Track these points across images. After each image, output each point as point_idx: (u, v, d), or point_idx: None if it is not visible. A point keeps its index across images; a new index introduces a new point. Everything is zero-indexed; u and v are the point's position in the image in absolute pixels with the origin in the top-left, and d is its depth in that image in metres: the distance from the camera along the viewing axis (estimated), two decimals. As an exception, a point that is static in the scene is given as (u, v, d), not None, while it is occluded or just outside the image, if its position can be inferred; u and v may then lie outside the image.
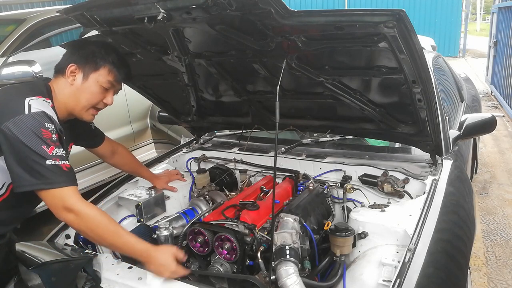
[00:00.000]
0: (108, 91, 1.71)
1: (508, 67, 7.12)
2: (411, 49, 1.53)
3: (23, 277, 1.61)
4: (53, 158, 1.42)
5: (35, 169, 1.40)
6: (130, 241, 1.53)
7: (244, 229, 1.73)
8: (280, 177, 2.29)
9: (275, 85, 1.76)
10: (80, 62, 1.64)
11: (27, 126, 1.40)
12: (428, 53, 3.61)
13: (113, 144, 2.18)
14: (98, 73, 1.65)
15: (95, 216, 1.48)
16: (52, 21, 3.99)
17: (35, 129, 1.41)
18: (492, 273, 2.96)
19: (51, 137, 1.44)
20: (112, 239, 1.51)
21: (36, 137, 1.40)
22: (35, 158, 1.39)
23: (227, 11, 1.49)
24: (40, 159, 1.40)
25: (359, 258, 1.70)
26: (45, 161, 1.40)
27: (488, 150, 5.58)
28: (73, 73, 1.64)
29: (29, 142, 1.39)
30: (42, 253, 1.61)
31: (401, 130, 2.12)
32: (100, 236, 1.49)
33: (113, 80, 1.69)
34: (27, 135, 1.39)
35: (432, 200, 1.78)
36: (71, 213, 1.44)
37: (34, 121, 1.42)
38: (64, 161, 1.46)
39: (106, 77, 1.67)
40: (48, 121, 1.46)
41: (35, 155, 1.39)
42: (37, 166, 1.40)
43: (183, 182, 2.42)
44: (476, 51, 16.56)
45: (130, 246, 1.53)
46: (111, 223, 1.52)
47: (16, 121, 1.40)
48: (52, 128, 1.46)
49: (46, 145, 1.41)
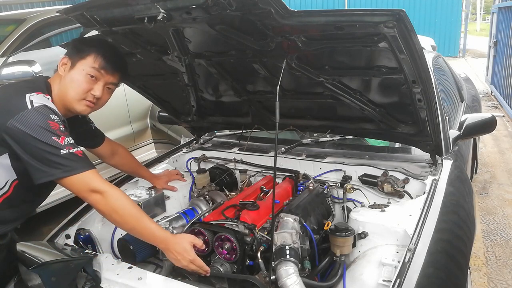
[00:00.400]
0: (97, 82, 1.64)
1: (508, 67, 7.12)
2: (411, 49, 1.53)
3: (23, 277, 1.61)
4: (67, 147, 1.44)
5: (51, 160, 1.42)
6: (151, 227, 1.55)
7: (244, 229, 1.73)
8: (280, 177, 2.29)
9: (275, 85, 1.76)
10: (69, 53, 1.65)
11: (33, 120, 1.41)
12: (428, 53, 3.61)
13: (113, 144, 2.18)
14: (84, 61, 1.62)
15: (121, 196, 1.51)
16: (52, 21, 4.00)
17: (42, 123, 1.42)
18: (492, 273, 2.96)
19: (59, 127, 1.46)
20: (135, 222, 1.53)
21: (45, 130, 1.42)
22: (50, 150, 1.41)
23: (227, 11, 1.49)
24: (54, 150, 1.42)
25: (359, 258, 1.70)
26: (59, 151, 1.42)
27: (488, 150, 5.58)
28: (65, 64, 1.64)
29: (40, 135, 1.41)
30: (42, 253, 1.61)
31: (401, 130, 2.12)
32: (124, 217, 1.51)
33: (98, 67, 1.62)
34: (35, 130, 1.41)
35: (432, 200, 1.78)
36: (97, 194, 1.47)
37: (39, 115, 1.43)
38: (76, 148, 1.48)
39: (91, 64, 1.62)
40: (52, 113, 1.47)
41: (49, 147, 1.41)
42: (53, 157, 1.42)
43: (183, 182, 2.42)
44: (476, 51, 16.56)
45: (150, 232, 1.55)
46: (134, 206, 1.55)
47: (21, 117, 1.41)
48: (57, 119, 1.47)
49: (56, 136, 1.43)
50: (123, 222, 1.54)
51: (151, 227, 1.55)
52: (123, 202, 1.51)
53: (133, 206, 1.54)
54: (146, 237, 1.58)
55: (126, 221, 1.53)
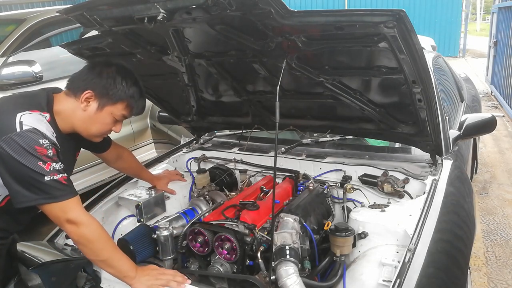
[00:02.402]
0: (119, 122, 1.69)
1: (508, 67, 7.12)
2: (411, 49, 1.53)
3: (23, 277, 1.62)
4: (51, 174, 1.41)
5: (34, 185, 1.39)
6: (120, 263, 1.51)
7: (244, 229, 1.73)
8: (280, 177, 2.29)
9: (275, 85, 1.76)
10: (98, 91, 1.59)
11: (20, 144, 1.37)
12: (428, 53, 3.61)
13: (119, 149, 2.17)
14: (114, 106, 1.62)
15: (97, 228, 1.48)
16: (52, 21, 3.99)
17: (29, 147, 1.38)
18: (492, 273, 2.96)
19: (47, 153, 1.42)
20: (109, 253, 1.50)
21: (31, 156, 1.38)
22: (33, 176, 1.38)
23: (227, 11, 1.49)
24: (38, 176, 1.39)
25: (359, 258, 1.70)
26: (43, 178, 1.39)
27: (488, 150, 5.58)
28: (88, 99, 1.59)
29: (25, 160, 1.37)
30: (42, 253, 1.61)
31: (401, 130, 2.12)
32: (99, 248, 1.48)
33: (127, 114, 1.67)
34: (21, 154, 1.37)
35: (432, 200, 1.78)
36: (73, 225, 1.44)
37: (27, 139, 1.39)
38: (62, 174, 1.44)
39: (121, 111, 1.64)
40: (41, 137, 1.42)
41: (33, 173, 1.38)
42: (36, 183, 1.39)
43: (183, 182, 2.42)
44: (476, 51, 16.56)
45: (120, 267, 1.50)
46: (108, 240, 1.52)
47: (7, 139, 1.37)
48: (46, 144, 1.43)
49: (42, 162, 1.39)
50: (98, 252, 1.50)
51: (120, 263, 1.51)
52: (99, 233, 1.48)
53: (109, 237, 1.52)
54: (113, 270, 1.52)
55: (97, 254, 1.49)
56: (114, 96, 1.60)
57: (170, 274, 1.55)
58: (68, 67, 3.43)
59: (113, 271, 1.51)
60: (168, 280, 1.52)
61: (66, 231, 1.51)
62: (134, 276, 1.50)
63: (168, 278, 1.52)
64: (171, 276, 1.54)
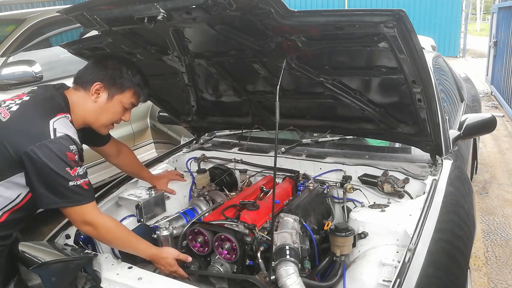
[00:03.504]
0: (128, 110, 1.79)
1: (508, 67, 7.12)
2: (411, 49, 1.53)
3: (23, 277, 1.62)
4: (76, 179, 1.50)
5: (58, 190, 1.48)
6: (140, 248, 1.68)
7: (244, 229, 1.73)
8: (280, 177, 2.29)
9: (275, 85, 1.76)
10: (106, 82, 1.68)
11: (53, 151, 1.45)
12: (428, 53, 3.61)
13: (118, 144, 2.19)
14: (123, 95, 1.71)
15: (111, 228, 1.62)
16: (52, 21, 3.99)
17: (61, 154, 1.46)
18: (492, 273, 2.96)
19: (74, 158, 1.51)
20: (125, 247, 1.69)
21: (61, 161, 1.46)
22: (60, 181, 1.47)
23: (227, 11, 1.49)
24: (64, 181, 1.47)
25: (359, 258, 1.70)
26: (68, 183, 1.48)
27: (488, 150, 5.58)
28: (98, 91, 1.67)
29: (55, 166, 1.45)
30: (42, 253, 1.61)
31: (401, 130, 2.12)
32: (116, 245, 1.71)
33: (135, 101, 1.78)
34: (53, 160, 1.45)
35: (432, 200, 1.78)
36: (90, 226, 1.57)
37: (60, 146, 1.47)
38: (84, 179, 1.54)
39: (130, 99, 1.74)
40: (71, 143, 1.51)
41: (60, 178, 1.46)
42: (61, 187, 1.48)
43: (183, 182, 2.42)
44: (476, 51, 16.55)
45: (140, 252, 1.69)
46: (124, 233, 1.66)
47: (42, 146, 1.44)
48: (75, 150, 1.52)
49: (69, 167, 1.48)
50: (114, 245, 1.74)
51: (140, 248, 1.68)
52: (114, 232, 1.62)
53: (123, 233, 1.66)
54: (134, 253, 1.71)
55: (116, 246, 1.73)
56: (122, 85, 1.70)
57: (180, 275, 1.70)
58: (68, 67, 3.44)
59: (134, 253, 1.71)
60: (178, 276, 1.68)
61: (83, 231, 1.66)
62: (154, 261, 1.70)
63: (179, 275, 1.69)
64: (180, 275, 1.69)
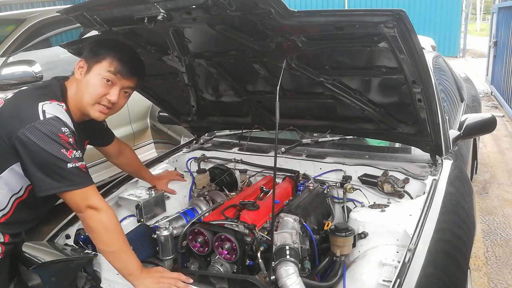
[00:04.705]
0: (113, 86, 1.61)
1: (508, 67, 7.12)
2: (411, 49, 1.53)
3: (23, 277, 1.62)
4: (73, 161, 1.44)
5: (57, 172, 1.42)
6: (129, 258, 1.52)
7: (244, 229, 1.73)
8: (280, 177, 2.29)
9: (275, 85, 1.76)
10: (85, 56, 1.62)
11: (44, 132, 1.41)
12: (428, 53, 3.61)
13: (121, 144, 2.19)
14: (100, 65, 1.58)
15: (114, 216, 1.53)
16: (52, 21, 3.99)
17: (53, 135, 1.42)
18: (492, 273, 2.96)
19: (68, 140, 1.45)
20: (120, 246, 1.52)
21: (55, 142, 1.41)
22: (57, 163, 1.41)
23: (227, 11, 1.49)
24: (61, 163, 1.42)
25: (359, 258, 1.70)
26: (66, 165, 1.42)
27: (488, 150, 5.58)
28: (81, 68, 1.62)
29: (49, 147, 1.40)
30: (42, 253, 1.61)
31: (401, 130, 2.12)
32: (113, 238, 1.50)
33: (114, 71, 1.58)
34: (45, 141, 1.40)
35: (432, 200, 1.78)
36: (94, 210, 1.48)
37: (50, 127, 1.42)
38: (81, 162, 1.48)
39: (107, 68, 1.58)
40: (63, 125, 1.46)
41: (56, 160, 1.41)
42: (59, 170, 1.42)
43: (183, 182, 2.42)
44: (476, 51, 16.55)
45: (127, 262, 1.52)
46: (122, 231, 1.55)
47: (31, 128, 1.40)
48: (68, 132, 1.47)
49: (65, 149, 1.43)
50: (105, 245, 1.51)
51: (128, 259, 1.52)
52: (115, 221, 1.52)
53: (121, 231, 1.54)
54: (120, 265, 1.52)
55: (109, 244, 1.50)
56: (99, 55, 1.59)
57: (173, 278, 1.55)
58: (68, 67, 3.42)
59: (119, 266, 1.52)
60: (170, 284, 1.52)
61: (84, 218, 1.50)
62: (139, 276, 1.50)
63: (170, 282, 1.52)
64: (173, 280, 1.53)
